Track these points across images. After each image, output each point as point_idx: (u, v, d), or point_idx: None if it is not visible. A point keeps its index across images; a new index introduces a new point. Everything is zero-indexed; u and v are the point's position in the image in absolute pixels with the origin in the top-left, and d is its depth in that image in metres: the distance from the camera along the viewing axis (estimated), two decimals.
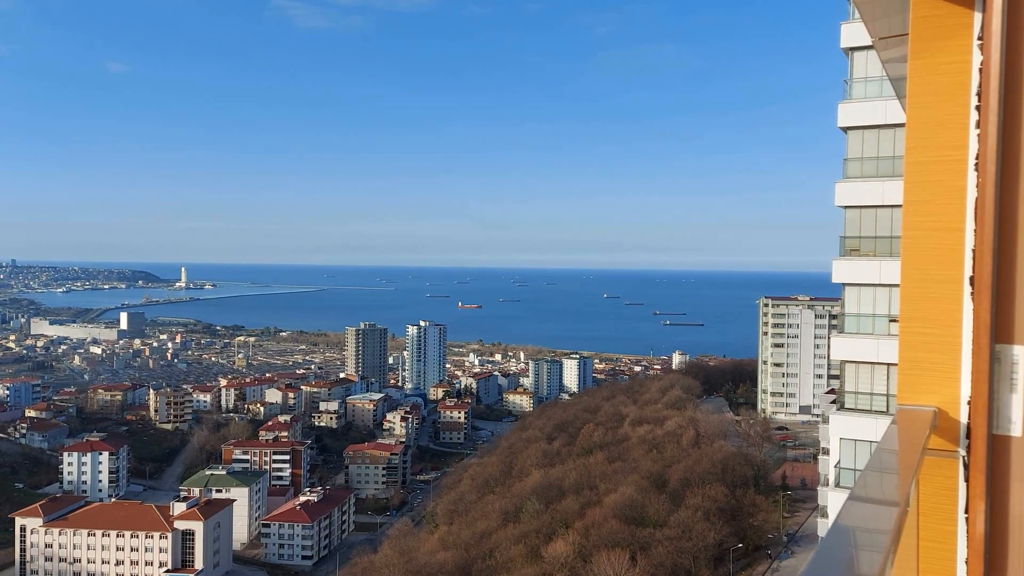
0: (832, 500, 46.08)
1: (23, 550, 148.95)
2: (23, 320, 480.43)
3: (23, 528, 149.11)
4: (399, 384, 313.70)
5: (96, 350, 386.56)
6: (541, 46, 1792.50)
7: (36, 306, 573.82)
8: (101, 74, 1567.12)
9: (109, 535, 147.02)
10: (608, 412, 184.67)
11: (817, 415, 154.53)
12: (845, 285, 41.71)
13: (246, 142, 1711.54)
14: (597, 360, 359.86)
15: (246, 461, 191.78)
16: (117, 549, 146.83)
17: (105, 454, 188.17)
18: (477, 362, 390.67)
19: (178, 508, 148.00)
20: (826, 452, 63.96)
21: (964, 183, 3.52)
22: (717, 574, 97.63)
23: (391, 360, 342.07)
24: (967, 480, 3.49)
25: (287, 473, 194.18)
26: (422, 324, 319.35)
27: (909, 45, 3.69)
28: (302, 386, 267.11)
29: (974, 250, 3.48)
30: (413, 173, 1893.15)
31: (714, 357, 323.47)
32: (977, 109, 3.47)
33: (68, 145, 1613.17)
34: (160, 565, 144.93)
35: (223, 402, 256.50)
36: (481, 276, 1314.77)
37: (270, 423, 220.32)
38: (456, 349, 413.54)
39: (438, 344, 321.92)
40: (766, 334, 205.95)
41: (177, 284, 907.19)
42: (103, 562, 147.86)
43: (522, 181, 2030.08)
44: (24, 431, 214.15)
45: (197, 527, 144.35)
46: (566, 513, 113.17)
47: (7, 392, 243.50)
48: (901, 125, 4.35)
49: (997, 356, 3.44)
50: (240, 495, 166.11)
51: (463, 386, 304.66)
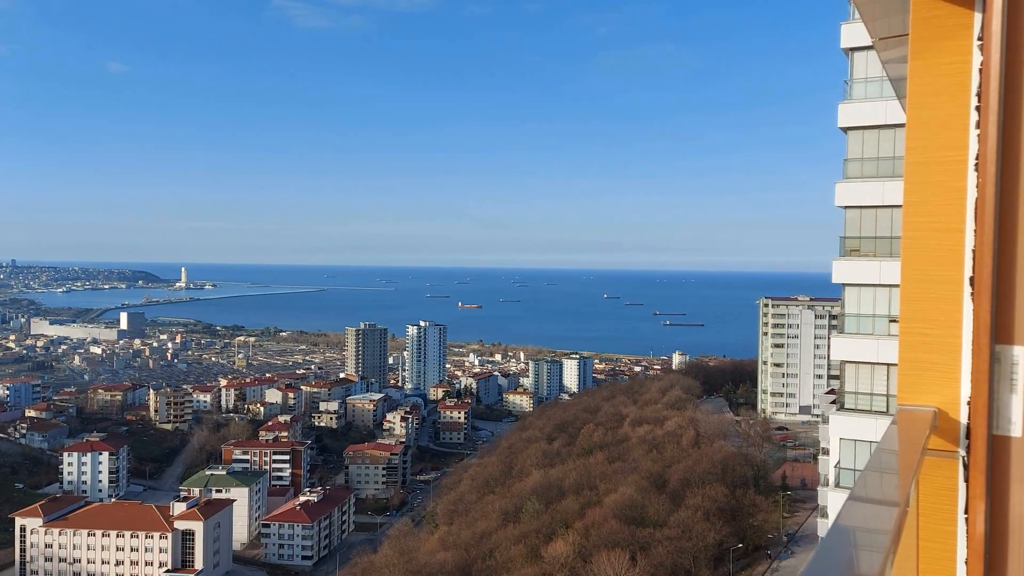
0: (832, 500, 46.09)
1: (23, 550, 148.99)
2: (23, 320, 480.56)
3: (23, 528, 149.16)
4: (399, 384, 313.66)
5: (96, 350, 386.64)
6: (541, 46, 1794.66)
7: (36, 306, 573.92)
8: (101, 74, 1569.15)
9: (109, 535, 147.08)
10: (608, 412, 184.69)
11: (817, 415, 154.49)
12: (845, 285, 41.73)
13: (246, 142, 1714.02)
14: (597, 360, 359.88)
15: (246, 461, 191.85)
16: (117, 549, 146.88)
17: (105, 454, 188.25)
18: (477, 362, 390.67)
19: (178, 508, 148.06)
20: (826, 452, 63.96)
21: (964, 184, 3.52)
22: (717, 574, 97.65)
23: (391, 360, 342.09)
24: (967, 480, 3.49)
25: (287, 473, 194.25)
26: (422, 324, 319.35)
27: (909, 46, 3.69)
28: (302, 386, 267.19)
29: (974, 251, 3.48)
30: (413, 173, 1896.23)
31: (714, 357, 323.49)
32: (977, 110, 3.48)
33: (68, 145, 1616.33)
34: (160, 565, 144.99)
35: (223, 402, 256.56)
36: (481, 276, 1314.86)
37: (270, 423, 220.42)
38: (456, 349, 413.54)
39: (438, 344, 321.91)
40: (766, 334, 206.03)
41: (177, 284, 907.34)
42: (103, 562, 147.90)
43: (522, 181, 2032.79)
44: (24, 431, 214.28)
45: (197, 527, 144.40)
46: (566, 513, 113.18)
47: (7, 392, 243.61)
48: (901, 125, 4.35)
49: (997, 356, 3.44)
50: (240, 495, 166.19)
51: (463, 386, 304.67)
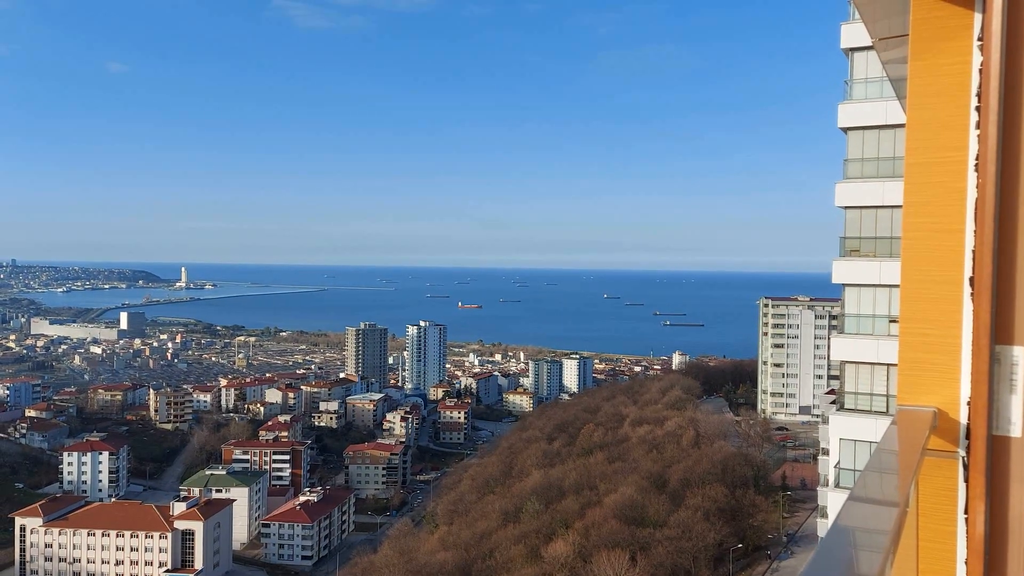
0: (832, 500, 46.07)
1: (23, 550, 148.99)
2: (23, 320, 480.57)
3: (23, 528, 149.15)
4: (399, 384, 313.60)
5: (96, 350, 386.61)
6: (541, 46, 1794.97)
7: (36, 306, 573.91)
8: (101, 74, 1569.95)
9: (109, 535, 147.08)
10: (608, 412, 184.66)
11: (817, 415, 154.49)
12: (845, 286, 41.72)
13: (246, 142, 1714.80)
14: (597, 360, 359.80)
15: (246, 461, 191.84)
16: (117, 549, 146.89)
17: (105, 454, 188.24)
18: (477, 362, 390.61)
19: (178, 508, 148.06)
20: (826, 452, 63.91)
21: (964, 184, 3.53)
22: (717, 574, 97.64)
23: (391, 360, 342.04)
24: (967, 481, 3.49)
25: (287, 473, 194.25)
26: (422, 324, 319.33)
27: (909, 46, 3.70)
28: (302, 386, 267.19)
29: (974, 251, 3.48)
30: (413, 173, 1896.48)
31: (714, 357, 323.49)
32: (977, 110, 3.48)
33: (68, 145, 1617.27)
34: (160, 565, 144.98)
35: (223, 402, 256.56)
36: (481, 276, 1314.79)
37: (270, 423, 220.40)
38: (456, 349, 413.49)
39: (438, 344, 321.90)
40: (766, 334, 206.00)
41: (177, 284, 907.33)
42: (103, 562, 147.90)
43: (522, 181, 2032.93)
44: (24, 431, 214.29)
45: (197, 527, 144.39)
46: (566, 513, 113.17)
47: (7, 392, 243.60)
48: (901, 126, 4.34)
49: (997, 357, 3.44)
50: (240, 495, 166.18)
51: (463, 386, 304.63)
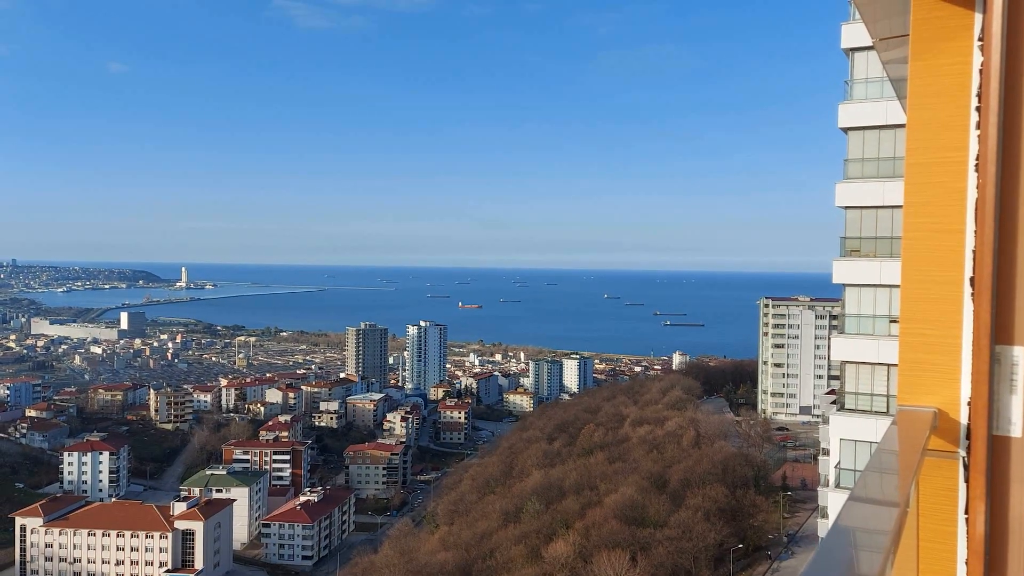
0: (832, 501, 46.07)
1: (23, 550, 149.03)
2: (23, 320, 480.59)
3: (23, 528, 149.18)
4: (399, 384, 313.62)
5: (96, 350, 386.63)
6: (541, 46, 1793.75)
7: (36, 306, 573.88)
8: (101, 74, 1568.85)
9: (109, 535, 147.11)
10: (608, 412, 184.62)
11: (817, 416, 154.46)
12: (845, 286, 41.73)
13: (246, 142, 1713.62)
14: (597, 360, 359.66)
15: (246, 461, 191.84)
16: (117, 549, 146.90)
17: (105, 454, 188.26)
18: (477, 362, 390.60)
19: (178, 508, 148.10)
20: (826, 453, 63.91)
21: (964, 184, 3.53)
22: (717, 574, 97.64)
23: (391, 360, 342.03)
24: (967, 481, 3.49)
25: (287, 473, 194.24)
26: (422, 324, 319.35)
27: (910, 46, 3.70)
28: (302, 386, 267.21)
29: (974, 251, 3.48)
30: (413, 173, 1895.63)
31: (714, 358, 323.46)
32: (977, 110, 3.48)
33: (68, 145, 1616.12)
34: (160, 565, 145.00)
35: (223, 402, 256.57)
36: (481, 276, 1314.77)
37: (270, 423, 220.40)
38: (456, 349, 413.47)
39: (438, 344, 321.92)
40: (766, 335, 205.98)
41: (177, 284, 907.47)
42: (103, 562, 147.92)
43: (522, 181, 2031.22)
44: (24, 431, 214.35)
45: (197, 527, 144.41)
46: (566, 513, 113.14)
47: (7, 392, 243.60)
48: (901, 126, 4.36)
49: (997, 357, 3.44)
50: (240, 495, 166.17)
51: (463, 386, 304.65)
